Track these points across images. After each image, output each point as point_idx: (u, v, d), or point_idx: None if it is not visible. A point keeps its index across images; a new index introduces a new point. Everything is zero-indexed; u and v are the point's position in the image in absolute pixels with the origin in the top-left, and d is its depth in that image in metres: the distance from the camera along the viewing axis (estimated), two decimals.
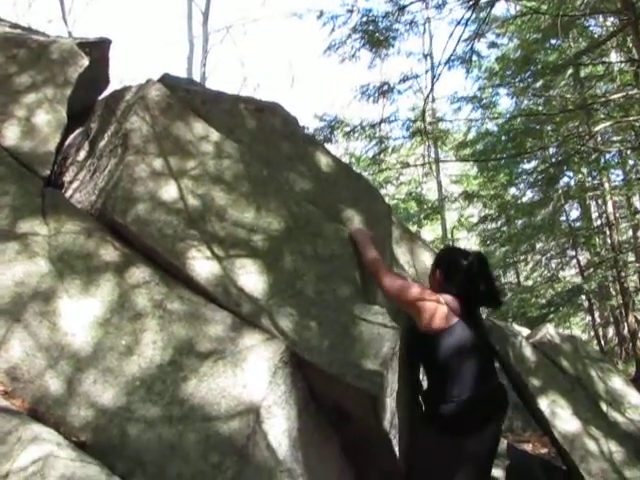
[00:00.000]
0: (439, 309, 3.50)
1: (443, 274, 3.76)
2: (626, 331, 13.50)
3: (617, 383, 5.03)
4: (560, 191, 13.97)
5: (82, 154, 4.15)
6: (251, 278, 3.38)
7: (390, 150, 11.66)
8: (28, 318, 2.98)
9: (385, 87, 11.59)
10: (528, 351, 4.80)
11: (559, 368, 4.85)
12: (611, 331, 17.98)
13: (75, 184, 3.98)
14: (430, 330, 3.49)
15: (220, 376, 2.95)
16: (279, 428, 2.99)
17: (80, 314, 3.03)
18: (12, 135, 3.72)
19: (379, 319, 3.38)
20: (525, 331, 5.45)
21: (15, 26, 4.94)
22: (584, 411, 4.58)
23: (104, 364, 2.91)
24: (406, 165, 12.10)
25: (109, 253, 3.30)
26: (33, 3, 22.19)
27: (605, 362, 5.38)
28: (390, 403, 3.31)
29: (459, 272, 3.68)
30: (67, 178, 4.11)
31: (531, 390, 4.58)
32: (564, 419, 4.50)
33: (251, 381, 2.95)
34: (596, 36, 11.89)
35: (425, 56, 15.06)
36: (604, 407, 4.75)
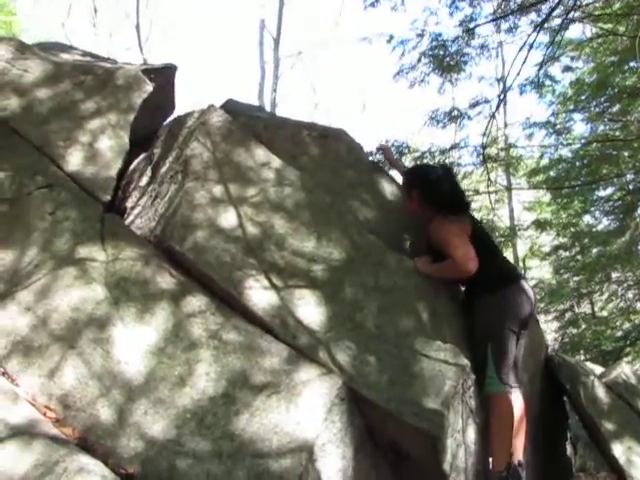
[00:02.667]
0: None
1: (420, 193, 3.98)
2: None
3: None
4: (638, 219, 13.50)
5: (144, 179, 4.15)
6: (309, 310, 3.29)
7: (460, 176, 11.46)
8: (82, 345, 2.96)
9: (455, 112, 11.43)
10: (601, 392, 4.55)
11: (636, 412, 4.58)
12: None
13: (137, 210, 3.97)
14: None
15: (273, 411, 2.85)
16: (333, 467, 2.87)
17: (134, 342, 2.99)
18: (75, 161, 3.74)
19: (441, 355, 3.24)
20: (598, 369, 5.19)
21: (85, 54, 5.02)
22: None
23: (156, 394, 2.86)
24: (476, 192, 11.84)
25: (165, 281, 3.26)
26: (114, 33, 22.79)
27: None
28: (451, 444, 3.15)
29: (434, 187, 3.96)
30: (129, 204, 4.11)
31: (605, 434, 4.32)
32: None
33: (305, 417, 2.85)
34: None
35: (497, 80, 14.81)
36: None
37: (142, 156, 4.42)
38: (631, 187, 12.36)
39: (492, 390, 3.58)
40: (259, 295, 3.26)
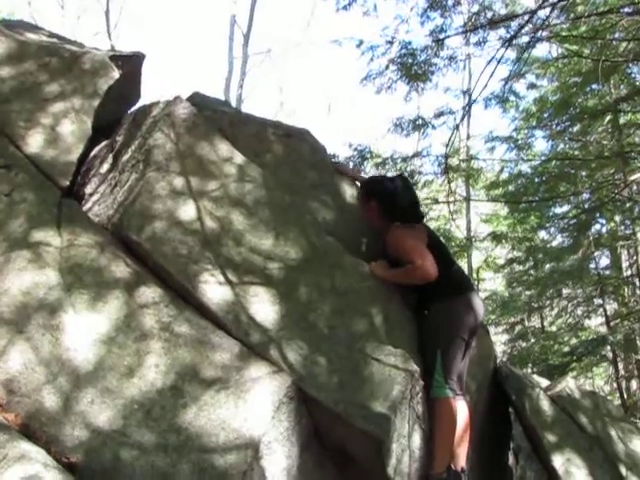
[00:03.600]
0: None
1: (379, 203, 4.00)
2: None
3: (638, 446, 4.81)
4: (591, 238, 13.74)
5: (105, 167, 4.10)
6: (263, 307, 3.29)
7: (420, 185, 11.54)
8: (31, 330, 2.91)
9: (419, 121, 11.51)
10: (545, 404, 4.61)
11: (577, 425, 4.64)
12: (635, 385, 17.59)
13: (95, 197, 3.92)
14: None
15: (221, 406, 2.85)
16: (278, 466, 2.88)
17: (84, 330, 2.96)
18: (35, 143, 3.69)
19: (392, 360, 3.27)
20: (544, 382, 5.27)
21: (52, 35, 4.94)
22: (601, 473, 4.36)
23: (103, 384, 2.82)
24: (435, 201, 11.93)
25: (120, 270, 3.23)
26: (82, 16, 22.49)
27: (627, 422, 5.16)
28: (396, 449, 3.17)
29: (393, 197, 4.00)
30: (88, 190, 4.06)
31: (546, 446, 4.39)
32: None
33: (253, 414, 2.85)
34: (638, 83, 11.74)
35: (463, 93, 14.94)
36: (623, 471, 4.52)
37: (104, 143, 4.36)
38: (586, 206, 12.57)
39: (438, 394, 3.60)
40: (214, 290, 3.24)
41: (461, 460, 3.63)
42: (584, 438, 4.59)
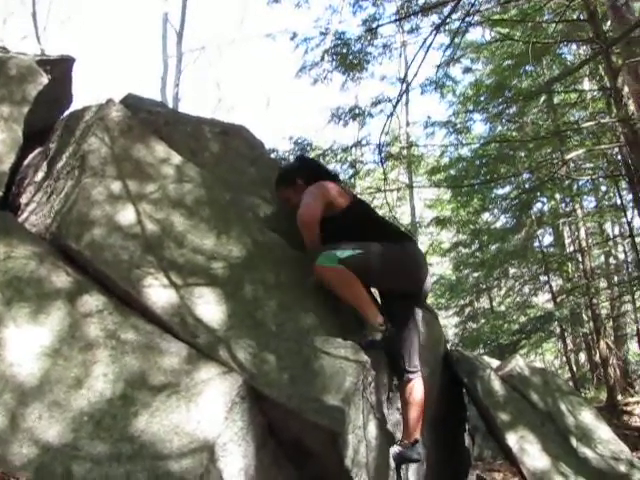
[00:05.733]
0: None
1: (303, 180, 4.00)
2: (597, 358, 13.46)
3: (587, 417, 4.94)
4: (533, 217, 14.00)
5: (40, 175, 4.01)
6: (209, 308, 3.25)
7: (363, 174, 11.59)
8: None
9: (357, 110, 11.56)
10: (497, 384, 4.70)
11: (528, 402, 4.75)
12: (583, 357, 17.99)
13: (31, 206, 3.83)
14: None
15: (173, 411, 2.81)
16: (235, 466, 2.85)
17: (27, 344, 2.87)
18: None
19: (342, 352, 3.27)
20: (495, 362, 5.35)
21: None
22: (554, 447, 4.47)
23: (51, 398, 2.75)
24: (378, 190, 12.00)
25: (61, 280, 3.15)
26: (8, 19, 21.98)
27: (576, 396, 5.29)
28: (352, 440, 3.18)
29: (310, 169, 4.13)
30: (24, 200, 3.96)
31: (499, 425, 4.47)
32: (533, 455, 4.38)
33: (206, 417, 2.81)
34: (569, 64, 11.96)
35: (400, 80, 15.03)
36: (574, 442, 4.65)
37: (37, 150, 4.26)
38: (527, 186, 12.79)
39: (323, 263, 3.60)
40: (158, 293, 3.20)
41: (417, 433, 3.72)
42: (536, 414, 4.70)
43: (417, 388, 3.75)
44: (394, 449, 3.67)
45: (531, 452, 4.39)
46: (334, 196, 3.84)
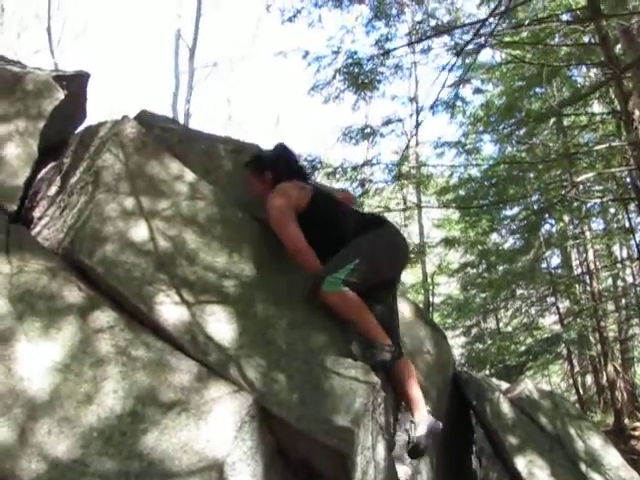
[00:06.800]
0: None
1: (273, 173, 4.05)
2: (605, 380, 13.40)
3: (597, 443, 4.91)
4: (541, 238, 13.97)
5: (53, 189, 4.03)
6: (220, 326, 3.25)
7: (372, 193, 11.60)
8: None
9: (368, 130, 11.60)
10: (506, 407, 4.68)
11: (537, 425, 4.72)
12: (589, 380, 17.88)
13: (44, 220, 3.85)
14: None
15: (183, 429, 2.80)
16: None
17: (38, 359, 2.87)
18: None
19: (352, 373, 3.26)
20: (503, 385, 5.34)
21: None
22: (563, 472, 4.44)
23: (60, 413, 2.75)
24: (387, 209, 11.99)
25: (73, 295, 3.16)
26: (22, 33, 22.15)
27: (585, 420, 5.26)
28: (361, 461, 3.17)
29: (283, 164, 4.11)
30: (37, 213, 3.99)
31: (508, 448, 4.45)
32: None
33: (215, 435, 2.81)
34: (579, 86, 11.99)
35: (410, 100, 15.10)
36: (583, 468, 4.61)
37: (51, 165, 4.29)
38: (535, 207, 12.77)
39: (329, 289, 3.58)
40: (170, 311, 3.20)
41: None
42: (545, 438, 4.66)
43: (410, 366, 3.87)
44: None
45: (540, 477, 4.36)
46: (296, 197, 3.87)
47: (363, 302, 3.61)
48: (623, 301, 15.57)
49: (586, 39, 9.86)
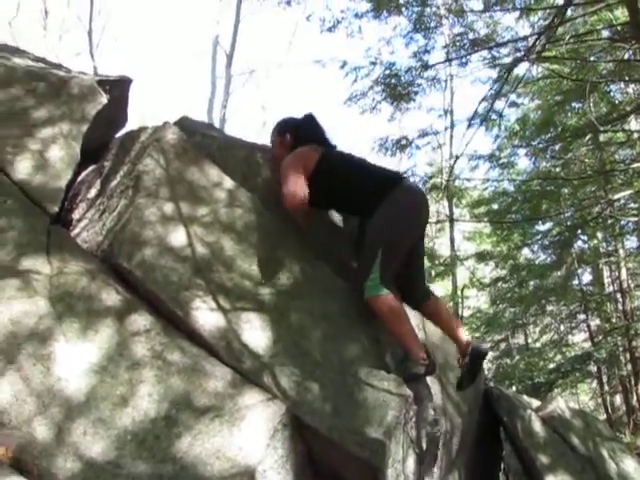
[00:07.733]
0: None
1: (294, 136, 4.13)
2: (635, 401, 13.21)
3: (630, 465, 4.83)
4: (574, 255, 13.83)
5: (93, 192, 4.08)
6: (256, 333, 3.27)
7: None
8: (21, 360, 2.85)
9: (404, 141, 11.61)
10: (537, 425, 4.63)
11: (569, 445, 4.67)
12: (619, 400, 17.65)
13: (83, 222, 3.90)
14: None
15: (216, 435, 2.82)
16: None
17: (76, 359, 2.91)
18: (23, 169, 3.66)
19: (385, 385, 3.26)
20: (534, 402, 5.28)
21: (37, 59, 4.92)
22: None
23: (96, 414, 2.78)
24: None
25: (111, 297, 3.20)
26: (63, 36, 22.45)
27: (617, 441, 5.19)
28: (391, 474, 3.16)
29: (306, 130, 4.16)
30: (76, 216, 4.03)
31: (539, 467, 4.40)
32: None
33: (248, 443, 2.82)
34: (616, 102, 11.87)
35: (446, 112, 15.06)
36: None
37: (91, 168, 4.34)
38: (569, 223, 12.65)
39: (372, 293, 3.56)
40: (205, 316, 3.22)
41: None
42: (576, 459, 4.61)
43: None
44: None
45: None
46: (305, 157, 3.89)
47: (405, 313, 3.60)
48: None
49: (626, 55, 9.76)
